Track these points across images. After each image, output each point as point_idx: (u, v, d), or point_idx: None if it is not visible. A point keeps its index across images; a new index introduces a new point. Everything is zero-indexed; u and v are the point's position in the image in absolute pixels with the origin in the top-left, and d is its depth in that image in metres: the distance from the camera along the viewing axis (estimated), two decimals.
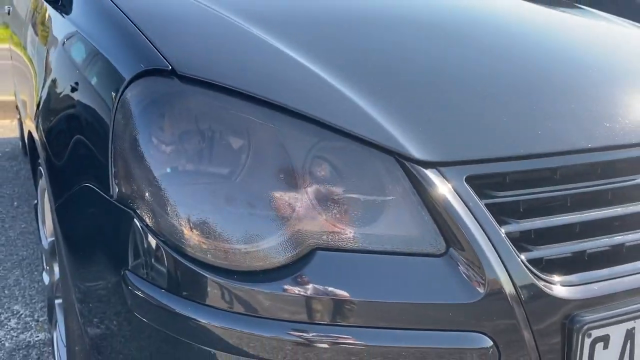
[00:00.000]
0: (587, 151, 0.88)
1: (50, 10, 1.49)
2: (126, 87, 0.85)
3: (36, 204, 1.58)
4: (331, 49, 0.98)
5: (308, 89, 0.85)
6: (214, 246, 0.76)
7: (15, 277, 2.01)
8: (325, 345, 0.73)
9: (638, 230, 0.90)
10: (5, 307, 1.81)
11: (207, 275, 0.75)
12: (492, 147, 0.83)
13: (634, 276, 0.86)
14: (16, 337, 1.65)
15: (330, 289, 0.74)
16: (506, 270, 0.76)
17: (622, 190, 0.91)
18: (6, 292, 1.90)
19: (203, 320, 0.74)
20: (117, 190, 0.83)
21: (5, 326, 1.70)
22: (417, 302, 0.74)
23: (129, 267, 0.81)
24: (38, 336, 1.65)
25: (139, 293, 0.79)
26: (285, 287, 0.74)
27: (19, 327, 1.70)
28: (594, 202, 0.88)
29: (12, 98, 4.92)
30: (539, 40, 1.27)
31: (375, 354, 0.74)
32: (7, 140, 4.02)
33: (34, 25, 1.76)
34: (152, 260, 0.78)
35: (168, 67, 0.84)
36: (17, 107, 3.81)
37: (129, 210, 0.80)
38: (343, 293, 0.74)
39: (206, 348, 0.75)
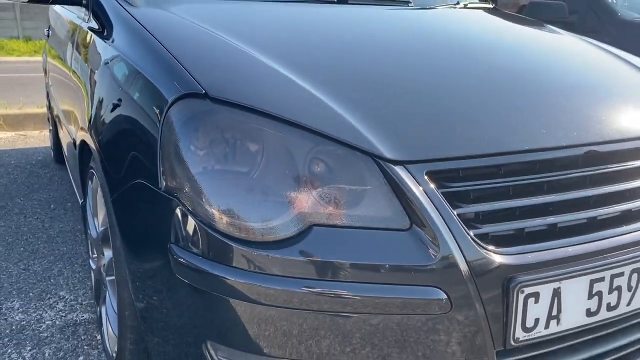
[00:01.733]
0: (525, 152, 1.13)
1: (93, 36, 1.77)
2: (170, 106, 1.12)
3: (83, 203, 1.86)
4: (326, 73, 1.25)
5: (307, 106, 1.11)
6: (237, 224, 1.02)
7: (58, 268, 2.29)
8: (320, 295, 0.99)
9: (568, 214, 1.15)
10: (52, 293, 2.08)
11: (233, 245, 1.01)
12: (447, 149, 1.08)
13: (561, 249, 1.10)
14: (64, 317, 1.92)
15: (324, 254, 0.99)
16: (456, 241, 1.01)
17: (555, 182, 1.15)
18: (52, 281, 2.18)
19: (230, 278, 1.00)
20: (164, 184, 1.09)
21: (54, 308, 1.98)
22: (389, 263, 0.99)
23: (173, 241, 1.08)
24: (83, 316, 1.92)
25: (180, 260, 1.05)
26: (290, 253, 1.00)
27: (66, 309, 1.97)
28: (532, 192, 1.13)
29: (40, 110, 5.26)
30: (500, 56, 1.53)
31: (358, 303, 0.99)
32: (38, 149, 4.33)
33: (75, 46, 2.04)
34: (191, 235, 1.05)
35: (202, 91, 1.11)
36: (48, 120, 4.14)
37: (173, 198, 1.07)
38: (333, 257, 0.99)
39: (232, 299, 1.01)
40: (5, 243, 2.53)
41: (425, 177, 1.04)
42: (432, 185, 1.03)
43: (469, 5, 2.22)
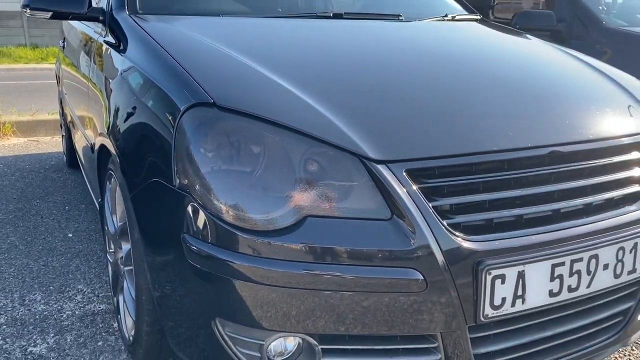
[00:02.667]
0: (494, 152, 1.29)
1: (110, 49, 1.94)
2: (182, 114, 1.29)
3: (100, 202, 2.02)
4: (319, 83, 1.41)
5: (302, 113, 1.27)
6: (242, 216, 1.18)
7: (75, 264, 2.46)
8: (315, 276, 1.14)
9: (533, 206, 1.30)
10: (71, 286, 2.25)
11: (238, 234, 1.17)
12: (424, 149, 1.24)
13: (526, 237, 1.25)
14: (83, 307, 2.09)
15: (317, 241, 1.15)
16: (431, 230, 1.17)
17: (523, 178, 1.31)
18: (70, 276, 2.35)
19: (236, 262, 1.16)
20: (178, 182, 1.26)
21: (74, 300, 2.14)
22: (373, 248, 1.15)
23: (186, 232, 1.24)
24: (100, 307, 2.09)
25: (193, 247, 1.21)
26: (288, 240, 1.15)
27: (84, 300, 2.14)
28: (500, 187, 1.28)
29: (51, 117, 5.44)
30: (476, 66, 1.69)
31: (347, 282, 1.15)
32: (51, 154, 4.51)
33: (93, 58, 2.21)
34: (202, 226, 1.21)
35: (211, 100, 1.27)
36: (61, 126, 4.31)
37: (186, 194, 1.23)
38: (325, 243, 1.15)
39: (237, 280, 1.17)
40: (25, 242, 2.70)
41: (404, 174, 1.19)
42: (410, 181, 1.19)
43: (457, 18, 2.38)
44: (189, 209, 1.24)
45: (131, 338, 1.67)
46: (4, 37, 19.17)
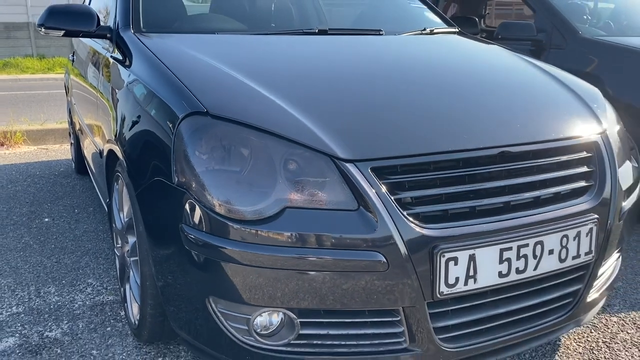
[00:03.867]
0: (450, 152, 1.49)
1: (117, 64, 2.15)
2: (180, 121, 1.50)
3: (108, 202, 2.23)
4: (299, 94, 1.62)
5: (283, 120, 1.47)
6: (231, 208, 1.38)
7: (85, 261, 2.66)
8: (293, 258, 1.34)
9: (485, 199, 1.50)
10: (81, 280, 2.45)
11: (228, 223, 1.37)
12: (387, 150, 1.44)
13: (477, 225, 1.45)
14: (93, 298, 2.29)
15: (295, 228, 1.35)
16: (392, 219, 1.36)
17: (477, 175, 1.50)
18: (80, 271, 2.55)
19: (227, 247, 1.36)
20: (177, 180, 1.46)
21: (84, 292, 2.34)
22: (342, 234, 1.35)
23: (184, 222, 1.44)
24: (108, 298, 2.29)
25: (190, 236, 1.42)
26: (271, 228, 1.36)
27: (94, 292, 2.34)
28: (455, 182, 1.47)
29: (60, 126, 5.67)
30: (441, 76, 1.90)
31: (321, 263, 1.34)
32: (60, 162, 4.74)
33: (101, 72, 2.43)
34: (198, 217, 1.41)
35: (204, 110, 1.48)
36: (69, 134, 4.54)
37: (184, 190, 1.44)
38: (302, 230, 1.35)
39: (228, 263, 1.37)
40: (39, 242, 2.91)
41: (370, 172, 1.39)
42: (374, 178, 1.39)
43: (435, 31, 2.58)
44: (187, 203, 1.44)
45: (137, 322, 1.87)
46: (11, 48, 19.53)
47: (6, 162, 4.72)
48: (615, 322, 2.11)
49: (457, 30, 2.73)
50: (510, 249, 1.48)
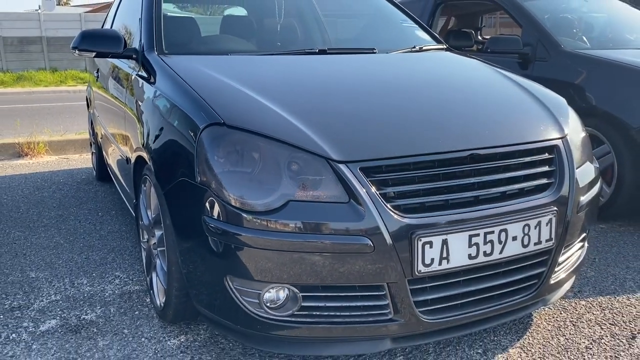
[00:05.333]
0: (428, 154, 1.77)
1: (143, 82, 2.46)
2: (201, 131, 1.80)
3: (135, 202, 2.53)
4: (301, 106, 1.92)
5: (287, 129, 1.77)
6: (244, 202, 1.68)
7: (111, 257, 2.97)
8: (296, 242, 1.63)
9: (456, 194, 1.78)
10: (110, 273, 2.76)
11: (242, 214, 1.67)
12: (374, 153, 1.73)
13: (449, 215, 1.73)
14: (121, 288, 2.59)
15: (297, 218, 1.65)
16: (377, 210, 1.65)
17: (450, 173, 1.79)
18: (108, 265, 2.86)
19: (241, 234, 1.66)
20: (199, 179, 1.76)
21: (113, 283, 2.64)
22: (335, 222, 1.64)
23: (205, 214, 1.74)
24: (135, 287, 2.59)
25: (211, 226, 1.71)
26: (277, 217, 1.65)
27: (122, 283, 2.64)
28: (432, 179, 1.76)
29: (79, 137, 6.01)
30: (425, 89, 2.21)
31: (317, 246, 1.63)
32: (80, 170, 5.07)
33: (129, 88, 2.74)
34: (217, 209, 1.71)
35: (222, 121, 1.78)
36: (90, 144, 4.87)
37: (205, 188, 1.74)
38: (303, 219, 1.64)
39: (242, 246, 1.66)
40: (68, 241, 3.22)
41: (359, 171, 1.69)
42: (363, 176, 1.68)
43: (424, 48, 2.88)
44: (208, 198, 1.74)
45: (162, 304, 2.16)
46: (25, 62, 20.06)
47: (31, 170, 5.05)
48: (583, 305, 2.38)
49: (444, 47, 3.03)
50: (478, 235, 1.76)
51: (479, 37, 6.33)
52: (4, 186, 4.50)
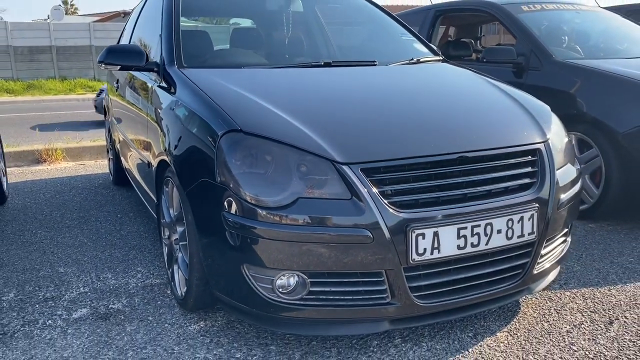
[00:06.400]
0: (421, 157, 2.00)
1: (164, 92, 2.70)
2: (220, 137, 2.03)
3: (157, 203, 2.77)
4: (309, 114, 2.15)
5: (297, 135, 2.00)
6: (259, 199, 1.91)
7: (133, 254, 3.21)
8: (305, 234, 1.86)
9: (447, 191, 2.00)
10: (132, 268, 2.99)
11: (257, 210, 1.90)
12: (374, 155, 1.96)
13: (440, 211, 1.96)
14: (143, 281, 2.82)
15: (305, 213, 1.88)
16: (376, 206, 1.88)
17: (440, 173, 2.02)
18: (130, 262, 3.09)
19: (257, 227, 1.89)
20: (219, 179, 1.99)
21: (135, 277, 2.88)
22: (339, 217, 1.87)
23: (224, 210, 1.97)
24: (156, 281, 2.82)
25: (229, 220, 1.95)
26: (288, 212, 1.88)
27: (144, 277, 2.88)
28: (425, 179, 1.99)
29: (94, 144, 6.27)
30: (421, 97, 2.44)
31: (325, 237, 1.86)
32: (97, 175, 5.32)
33: (150, 98, 2.98)
34: (235, 206, 1.94)
35: (238, 128, 2.02)
36: (107, 150, 5.12)
37: (225, 187, 1.97)
38: (311, 214, 1.87)
39: (257, 238, 1.89)
40: (91, 240, 3.46)
41: (360, 171, 1.92)
42: (364, 176, 1.91)
43: (421, 60, 3.12)
44: (227, 197, 1.97)
45: (183, 294, 2.40)
46: (35, 71, 20.44)
47: (50, 176, 5.31)
48: (567, 295, 2.59)
49: (440, 58, 3.26)
50: (465, 228, 1.98)
51: (479, 45, 6.57)
52: (26, 190, 4.75)
